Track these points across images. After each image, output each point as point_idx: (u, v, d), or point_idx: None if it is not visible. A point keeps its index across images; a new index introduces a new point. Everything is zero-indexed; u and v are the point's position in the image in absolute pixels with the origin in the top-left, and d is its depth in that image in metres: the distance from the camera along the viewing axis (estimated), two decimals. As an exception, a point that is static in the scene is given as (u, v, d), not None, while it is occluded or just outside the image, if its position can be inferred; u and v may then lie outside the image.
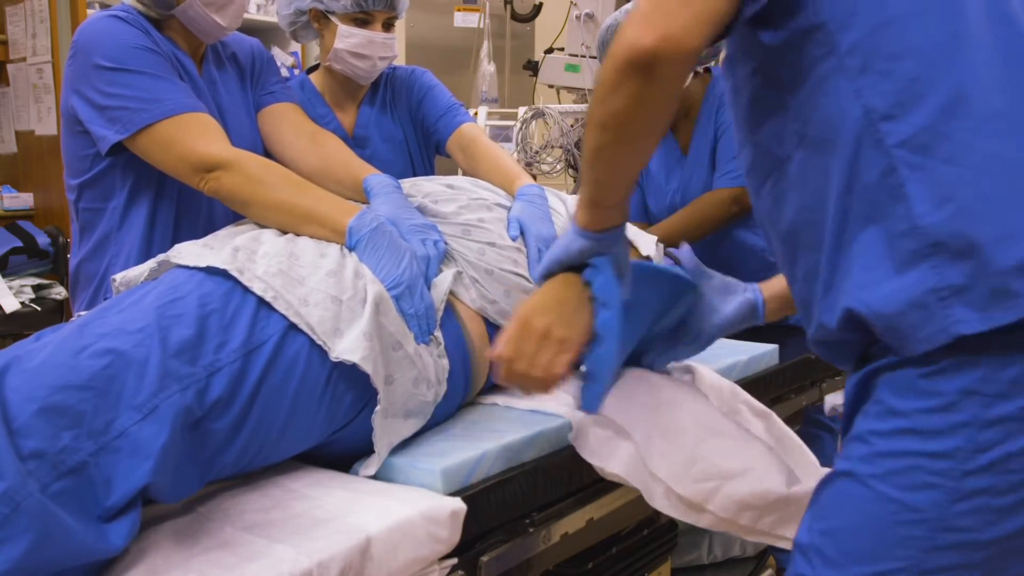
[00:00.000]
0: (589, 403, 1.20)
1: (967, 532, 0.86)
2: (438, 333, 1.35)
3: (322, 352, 1.20)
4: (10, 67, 3.21)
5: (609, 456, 1.27)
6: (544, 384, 1.15)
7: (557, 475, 1.34)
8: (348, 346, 1.20)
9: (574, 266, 1.15)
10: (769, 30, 0.98)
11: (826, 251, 0.96)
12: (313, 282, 1.25)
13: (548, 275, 1.17)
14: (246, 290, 1.20)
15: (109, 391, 1.05)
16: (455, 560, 1.17)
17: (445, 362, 1.35)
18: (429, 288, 1.37)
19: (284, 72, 3.26)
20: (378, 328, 1.24)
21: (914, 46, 0.91)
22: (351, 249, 1.36)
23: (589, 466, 1.30)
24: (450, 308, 1.40)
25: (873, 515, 0.90)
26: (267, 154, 1.73)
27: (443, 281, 1.39)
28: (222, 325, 1.16)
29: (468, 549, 1.21)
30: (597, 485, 1.40)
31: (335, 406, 1.23)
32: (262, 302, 1.20)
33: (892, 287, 0.89)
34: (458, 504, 1.16)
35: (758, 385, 1.78)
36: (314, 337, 1.20)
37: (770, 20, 0.98)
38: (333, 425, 1.25)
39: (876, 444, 0.91)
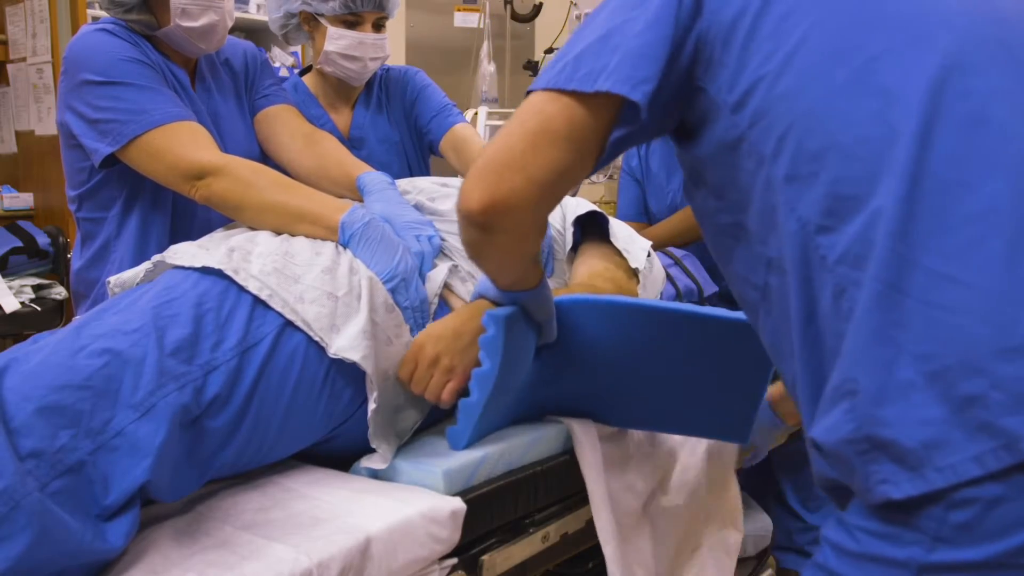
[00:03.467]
0: (452, 441, 1.27)
1: None
2: None
3: (319, 348, 1.20)
4: (10, 67, 3.21)
5: None
6: (438, 402, 1.26)
7: (558, 477, 1.34)
8: (347, 344, 1.20)
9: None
10: (696, 148, 0.91)
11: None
12: (308, 279, 1.25)
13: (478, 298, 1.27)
14: (241, 289, 1.20)
15: (106, 390, 1.05)
16: (455, 560, 1.17)
17: None
18: (424, 282, 1.37)
19: (284, 72, 3.26)
20: (373, 325, 1.24)
21: (835, 141, 0.78)
22: (345, 246, 1.36)
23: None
24: (445, 302, 1.40)
25: None
26: (264, 157, 1.73)
27: (438, 275, 1.39)
28: (218, 324, 1.16)
29: (468, 549, 1.20)
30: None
31: (334, 402, 1.23)
32: (258, 301, 1.20)
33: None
34: (458, 504, 1.16)
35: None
36: (311, 333, 1.20)
37: (693, 136, 0.91)
38: (332, 421, 1.25)
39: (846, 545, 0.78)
